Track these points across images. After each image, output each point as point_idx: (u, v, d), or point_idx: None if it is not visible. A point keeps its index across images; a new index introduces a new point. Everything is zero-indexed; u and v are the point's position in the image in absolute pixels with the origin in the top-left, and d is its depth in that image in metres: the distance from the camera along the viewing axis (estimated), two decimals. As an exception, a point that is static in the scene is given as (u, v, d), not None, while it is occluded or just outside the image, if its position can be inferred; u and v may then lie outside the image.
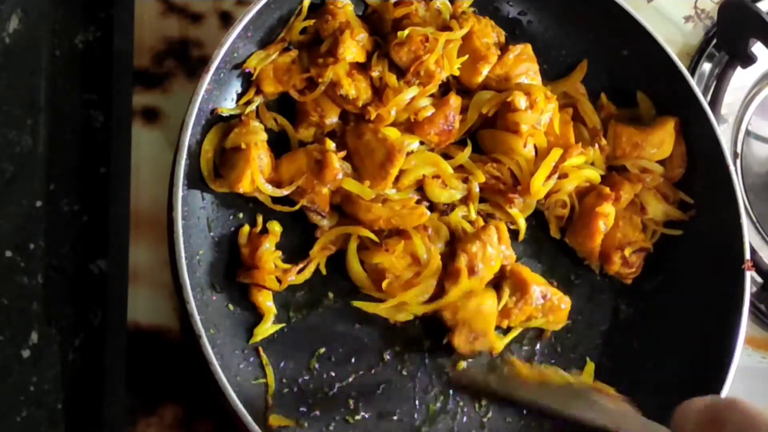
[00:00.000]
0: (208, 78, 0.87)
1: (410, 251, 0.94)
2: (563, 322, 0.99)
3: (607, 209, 0.99)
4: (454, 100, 0.98)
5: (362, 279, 0.94)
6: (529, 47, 1.02)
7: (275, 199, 0.92)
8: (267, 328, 0.91)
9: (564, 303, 0.97)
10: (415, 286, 0.93)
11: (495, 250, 0.95)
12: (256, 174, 0.90)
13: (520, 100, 0.97)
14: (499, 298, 0.95)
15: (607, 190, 1.00)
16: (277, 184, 0.91)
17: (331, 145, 0.93)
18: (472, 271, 0.94)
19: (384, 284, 0.92)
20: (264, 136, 0.92)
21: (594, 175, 1.01)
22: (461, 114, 0.99)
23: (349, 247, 0.94)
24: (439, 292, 0.94)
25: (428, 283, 0.94)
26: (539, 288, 0.96)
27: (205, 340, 0.81)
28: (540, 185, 0.98)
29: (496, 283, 0.96)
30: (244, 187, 0.90)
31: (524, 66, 1.01)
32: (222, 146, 0.92)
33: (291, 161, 0.93)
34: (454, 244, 0.96)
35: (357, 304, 0.94)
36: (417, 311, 0.94)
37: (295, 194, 0.92)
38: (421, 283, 0.93)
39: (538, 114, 0.98)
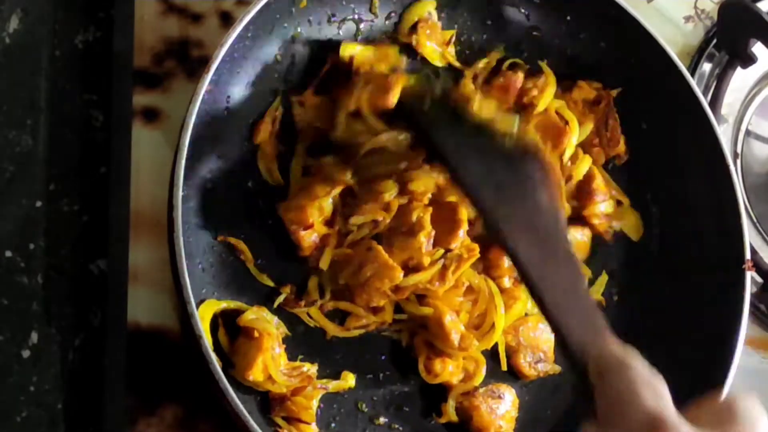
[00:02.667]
0: (208, 78, 0.87)
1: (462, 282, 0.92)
2: None
3: None
4: None
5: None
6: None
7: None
8: None
9: None
10: (484, 324, 0.92)
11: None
12: (269, 363, 0.85)
13: None
14: None
15: None
16: None
17: None
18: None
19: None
20: (275, 331, 0.88)
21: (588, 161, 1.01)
22: None
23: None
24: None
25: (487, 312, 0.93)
26: None
27: (205, 340, 0.81)
28: None
29: None
30: (254, 375, 0.85)
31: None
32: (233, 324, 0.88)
33: None
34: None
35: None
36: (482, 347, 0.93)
37: None
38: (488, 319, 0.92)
39: None
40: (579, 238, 0.98)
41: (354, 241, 0.91)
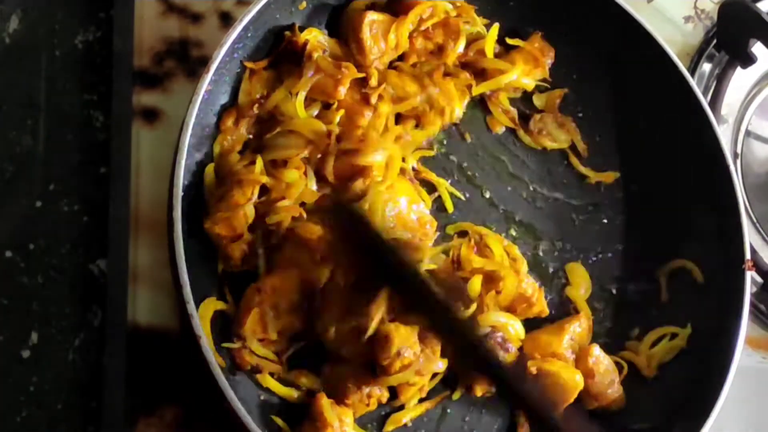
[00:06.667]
0: (208, 78, 0.87)
1: None
2: None
3: None
4: None
5: None
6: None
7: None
8: None
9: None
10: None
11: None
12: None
13: None
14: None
15: None
16: None
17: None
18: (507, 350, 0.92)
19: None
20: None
21: None
22: None
23: None
24: None
25: None
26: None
27: (204, 340, 0.81)
28: None
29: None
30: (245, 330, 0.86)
31: None
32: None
33: None
34: None
35: None
36: None
37: None
38: None
39: None
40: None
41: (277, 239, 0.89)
